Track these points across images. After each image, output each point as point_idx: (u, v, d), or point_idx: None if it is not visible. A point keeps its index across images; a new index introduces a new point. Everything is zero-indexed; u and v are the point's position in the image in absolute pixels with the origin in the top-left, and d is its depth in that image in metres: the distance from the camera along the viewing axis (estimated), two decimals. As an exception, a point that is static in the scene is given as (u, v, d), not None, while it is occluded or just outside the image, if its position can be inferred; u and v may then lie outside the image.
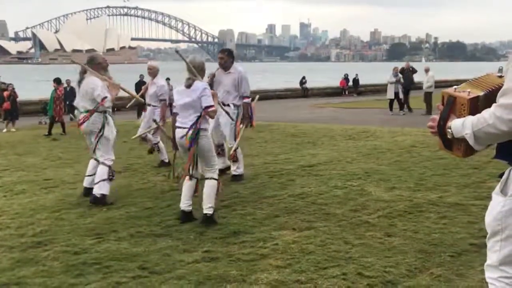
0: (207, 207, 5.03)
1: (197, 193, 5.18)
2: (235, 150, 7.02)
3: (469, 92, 2.27)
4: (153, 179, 7.31)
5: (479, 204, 5.47)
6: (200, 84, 5.07)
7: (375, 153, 9.05)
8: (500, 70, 2.39)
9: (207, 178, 5.12)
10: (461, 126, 2.21)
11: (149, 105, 8.37)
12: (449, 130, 2.28)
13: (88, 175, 6.24)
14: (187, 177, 5.15)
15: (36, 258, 4.18)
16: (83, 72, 6.09)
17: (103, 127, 5.96)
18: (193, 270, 3.86)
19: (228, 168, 7.33)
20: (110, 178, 5.94)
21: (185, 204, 5.14)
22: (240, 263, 3.98)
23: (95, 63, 6.14)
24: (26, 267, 3.97)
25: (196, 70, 5.15)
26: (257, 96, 7.94)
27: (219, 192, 5.20)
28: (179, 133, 5.06)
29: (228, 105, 7.00)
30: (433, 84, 17.55)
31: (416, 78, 19.87)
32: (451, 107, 2.30)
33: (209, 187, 5.08)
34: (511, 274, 2.21)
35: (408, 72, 18.75)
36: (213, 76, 7.11)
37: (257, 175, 7.28)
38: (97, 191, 5.84)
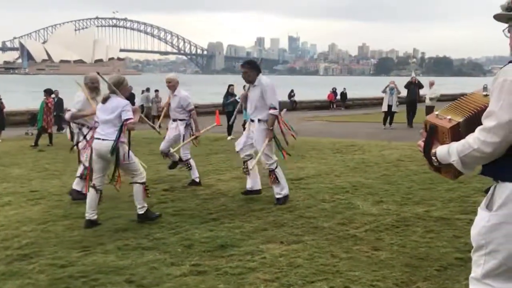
0: (139, 208, 5.65)
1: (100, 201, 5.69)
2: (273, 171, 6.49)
3: (449, 119, 2.32)
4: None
5: (464, 218, 5.53)
6: (122, 102, 5.52)
7: (362, 167, 9.11)
8: (485, 88, 2.45)
9: (132, 183, 5.75)
10: (447, 153, 2.26)
11: (175, 120, 7.79)
12: (434, 158, 2.34)
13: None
14: (92, 189, 5.65)
15: (22, 271, 4.14)
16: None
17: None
18: (180, 283, 3.85)
19: (259, 191, 6.74)
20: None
21: (90, 214, 5.54)
22: (228, 276, 3.98)
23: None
24: (11, 280, 3.93)
25: (116, 87, 5.60)
26: (285, 109, 7.30)
27: (146, 193, 5.73)
28: (102, 144, 5.49)
29: (259, 120, 6.42)
30: (438, 97, 17.75)
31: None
32: (433, 135, 2.37)
33: (135, 191, 5.69)
34: (495, 287, 2.25)
35: (413, 87, 18.58)
36: (246, 95, 6.62)
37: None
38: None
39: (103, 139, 5.49)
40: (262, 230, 5.23)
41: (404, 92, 19.16)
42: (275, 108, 6.38)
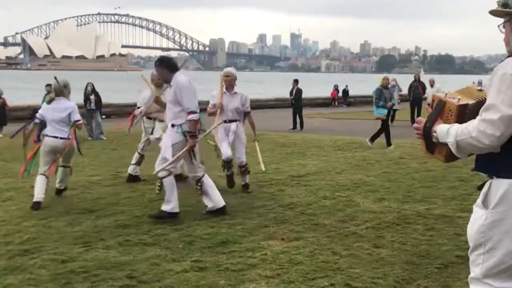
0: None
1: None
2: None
3: (458, 99, 2.33)
4: (141, 187, 7.29)
5: (465, 216, 5.52)
6: (69, 104, 6.42)
7: (363, 164, 9.11)
8: (480, 83, 2.46)
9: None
10: (446, 132, 2.27)
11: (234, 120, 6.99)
12: (434, 134, 2.34)
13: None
14: (41, 174, 6.26)
15: (23, 266, 4.15)
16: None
17: None
18: (181, 279, 3.86)
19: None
20: None
21: (40, 195, 6.10)
22: (229, 273, 3.99)
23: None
24: (12, 275, 3.94)
25: (66, 91, 6.47)
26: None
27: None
28: (54, 141, 6.28)
29: (173, 126, 5.60)
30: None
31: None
32: (439, 111, 2.36)
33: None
34: (495, 287, 2.25)
35: (417, 84, 18.44)
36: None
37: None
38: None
39: (56, 137, 6.28)
40: (263, 227, 5.24)
41: (405, 90, 19.08)
42: (193, 112, 5.48)
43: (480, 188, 2.32)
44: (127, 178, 7.65)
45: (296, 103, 17.18)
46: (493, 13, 2.33)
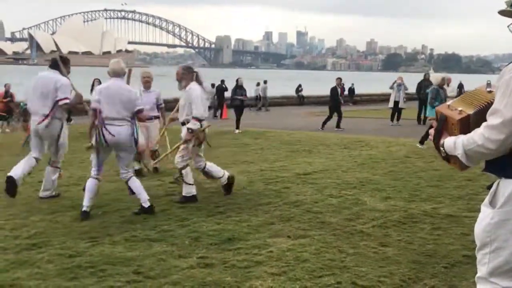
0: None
1: None
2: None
3: (460, 110, 2.33)
4: (147, 183, 7.30)
5: (472, 216, 5.51)
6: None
7: (370, 163, 9.09)
8: (488, 84, 2.46)
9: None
10: (453, 146, 2.29)
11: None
12: (442, 149, 2.35)
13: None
14: None
15: (31, 260, 4.17)
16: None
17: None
18: (188, 276, 3.87)
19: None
20: None
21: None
22: (235, 269, 3.99)
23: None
24: (20, 269, 3.96)
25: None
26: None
27: None
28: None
29: None
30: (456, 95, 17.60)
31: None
32: (443, 125, 2.38)
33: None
34: (501, 286, 2.25)
35: (427, 83, 18.32)
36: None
37: (253, 182, 7.30)
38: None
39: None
40: (269, 224, 5.24)
41: (411, 89, 19.01)
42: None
43: (489, 187, 2.33)
44: None
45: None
46: (502, 13, 2.33)
